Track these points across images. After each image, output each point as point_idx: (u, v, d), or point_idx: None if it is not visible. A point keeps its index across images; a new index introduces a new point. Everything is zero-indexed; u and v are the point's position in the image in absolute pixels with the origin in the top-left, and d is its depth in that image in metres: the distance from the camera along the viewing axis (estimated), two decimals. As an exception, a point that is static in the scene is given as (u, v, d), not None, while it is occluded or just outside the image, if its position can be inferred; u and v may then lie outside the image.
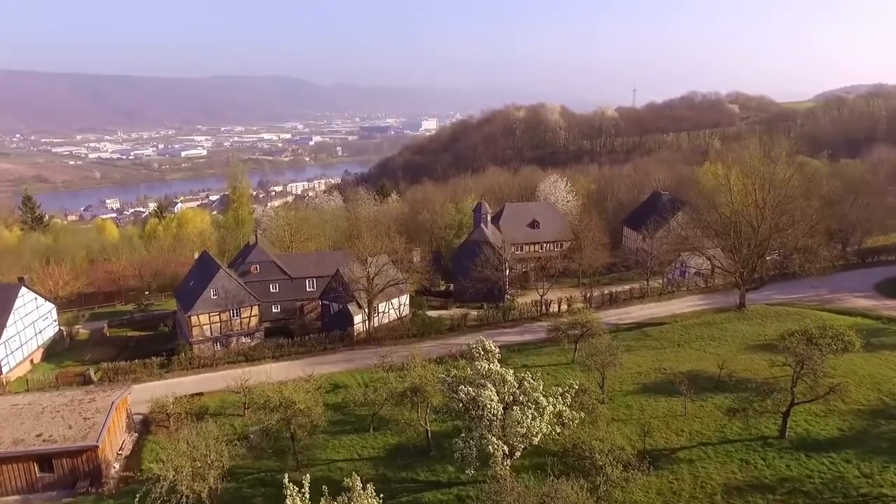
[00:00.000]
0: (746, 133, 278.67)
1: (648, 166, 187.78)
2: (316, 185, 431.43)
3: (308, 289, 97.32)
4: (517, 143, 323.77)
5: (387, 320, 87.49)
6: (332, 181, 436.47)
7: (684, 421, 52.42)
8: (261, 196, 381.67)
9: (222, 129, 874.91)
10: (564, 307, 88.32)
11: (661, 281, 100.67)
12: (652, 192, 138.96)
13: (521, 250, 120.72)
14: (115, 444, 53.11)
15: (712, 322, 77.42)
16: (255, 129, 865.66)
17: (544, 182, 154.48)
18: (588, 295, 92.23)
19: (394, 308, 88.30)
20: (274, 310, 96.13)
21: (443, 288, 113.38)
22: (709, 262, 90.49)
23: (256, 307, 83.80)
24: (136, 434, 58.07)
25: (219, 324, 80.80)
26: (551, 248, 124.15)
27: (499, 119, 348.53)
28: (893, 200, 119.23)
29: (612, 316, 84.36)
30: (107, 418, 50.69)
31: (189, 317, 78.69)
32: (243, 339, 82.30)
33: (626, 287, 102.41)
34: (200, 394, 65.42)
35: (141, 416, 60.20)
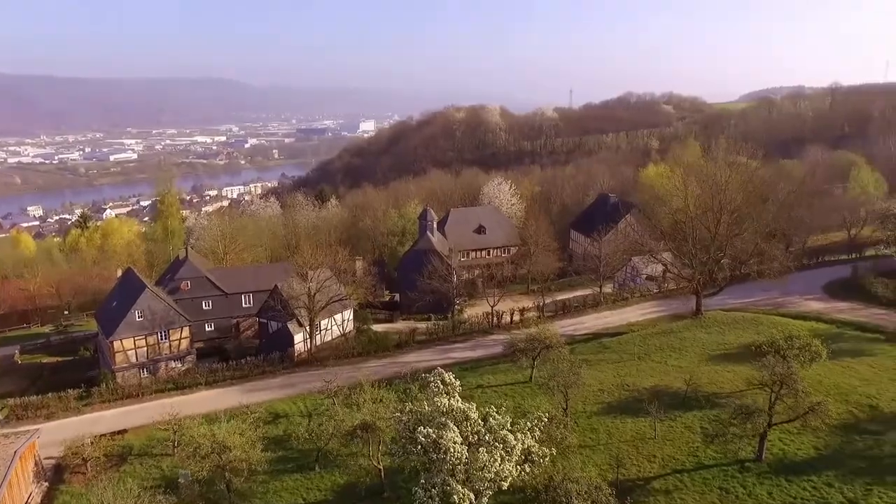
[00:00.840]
0: (683, 133, 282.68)
1: (591, 167, 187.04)
2: (252, 189, 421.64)
3: (244, 305, 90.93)
4: (457, 144, 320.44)
5: (329, 337, 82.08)
6: (269, 184, 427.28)
7: (655, 444, 49.22)
8: (195, 201, 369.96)
9: (153, 132, 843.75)
10: (517, 318, 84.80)
11: (612, 286, 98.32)
12: (598, 195, 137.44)
13: (468, 257, 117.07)
14: (18, 499, 46.36)
15: (670, 331, 74.92)
16: (188, 131, 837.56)
17: (488, 185, 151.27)
18: (540, 304, 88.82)
19: (337, 324, 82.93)
20: (207, 328, 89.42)
21: (387, 298, 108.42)
22: (661, 266, 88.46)
23: (187, 328, 77.07)
24: (47, 483, 51.11)
25: (145, 348, 73.72)
26: (499, 253, 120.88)
27: (438, 121, 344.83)
28: (831, 200, 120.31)
29: (567, 326, 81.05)
30: (7, 471, 43.95)
31: (111, 342, 71.49)
32: (173, 364, 75.50)
33: (578, 294, 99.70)
34: (124, 431, 58.69)
35: (53, 461, 53.29)
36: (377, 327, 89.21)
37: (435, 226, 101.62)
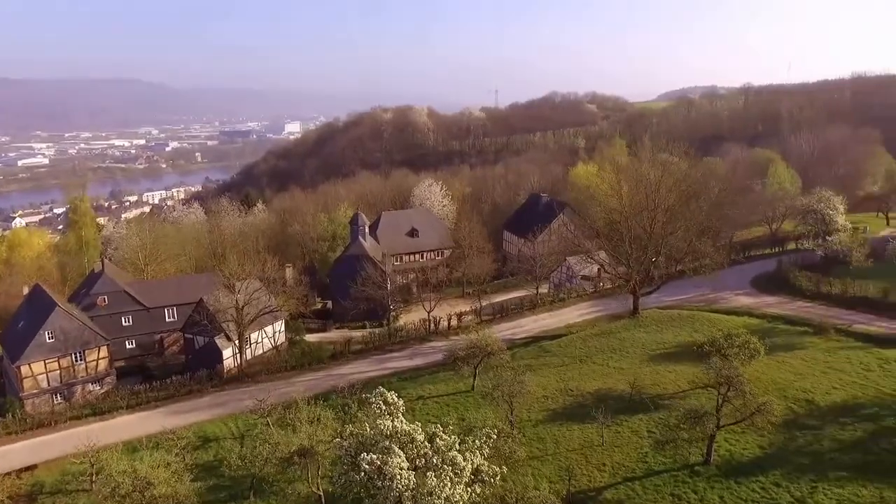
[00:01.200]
0: (609, 132, 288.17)
1: (520, 167, 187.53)
2: (175, 194, 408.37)
3: (168, 319, 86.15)
4: (386, 145, 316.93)
5: (261, 351, 78.37)
6: (193, 189, 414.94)
7: (604, 452, 48.27)
8: (114, 207, 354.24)
9: (66, 135, 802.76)
10: (455, 323, 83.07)
11: (547, 287, 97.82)
12: (530, 195, 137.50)
13: (401, 261, 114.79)
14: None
15: (609, 332, 74.66)
16: (104, 135, 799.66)
17: (419, 186, 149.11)
18: (478, 308, 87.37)
19: (268, 336, 79.26)
20: (128, 346, 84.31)
21: (319, 306, 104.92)
22: (596, 265, 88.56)
23: (106, 347, 71.95)
24: (-55, 532, 46.29)
25: (58, 371, 68.22)
26: (433, 256, 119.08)
27: (366, 122, 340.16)
28: (753, 196, 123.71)
29: (506, 330, 79.86)
30: None
31: (18, 367, 65.72)
32: (91, 387, 70.29)
33: (513, 295, 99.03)
34: (34, 466, 53.67)
35: (-49, 506, 48.27)
36: (310, 337, 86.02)
37: (367, 230, 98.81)
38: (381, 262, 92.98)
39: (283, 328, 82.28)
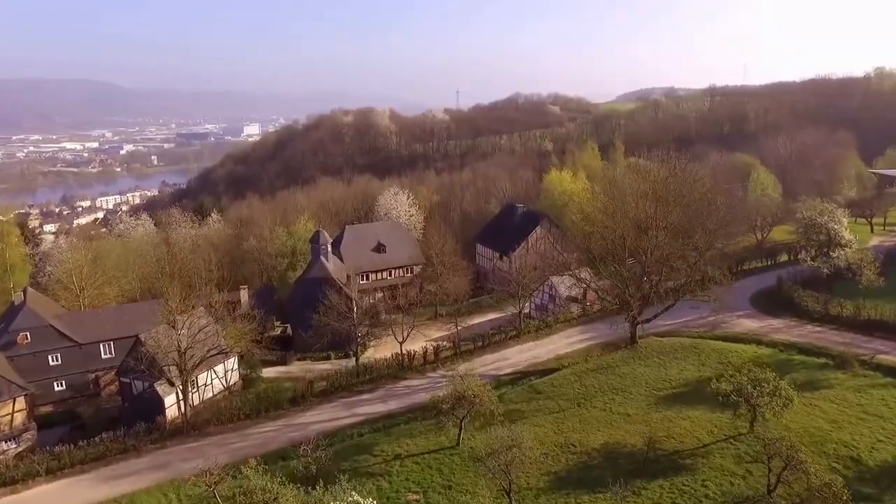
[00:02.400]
0: (576, 134, 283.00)
1: (489, 171, 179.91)
2: (130, 198, 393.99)
3: (104, 355, 76.15)
4: (347, 149, 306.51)
5: (211, 393, 68.35)
6: (149, 193, 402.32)
7: (623, 537, 39.96)
8: (65, 213, 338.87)
9: (14, 138, 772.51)
10: (431, 356, 73.98)
11: (528, 308, 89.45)
12: (505, 205, 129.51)
13: (367, 279, 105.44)
14: None
15: (607, 366, 66.11)
16: (54, 137, 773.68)
17: (384, 195, 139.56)
18: (455, 339, 78.46)
19: (218, 377, 69.25)
20: (57, 388, 73.92)
21: (279, 331, 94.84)
22: (582, 284, 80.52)
23: (24, 398, 61.29)
24: None
25: (-38, 431, 57.79)
26: (402, 273, 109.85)
27: (326, 124, 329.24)
28: (737, 204, 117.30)
29: (489, 364, 71.40)
30: None
31: (-89, 429, 55.09)
32: (5, 446, 59.64)
33: (491, 317, 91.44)
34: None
35: None
36: (268, 372, 76.38)
37: (329, 248, 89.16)
38: (346, 286, 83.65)
39: (235, 365, 72.31)
